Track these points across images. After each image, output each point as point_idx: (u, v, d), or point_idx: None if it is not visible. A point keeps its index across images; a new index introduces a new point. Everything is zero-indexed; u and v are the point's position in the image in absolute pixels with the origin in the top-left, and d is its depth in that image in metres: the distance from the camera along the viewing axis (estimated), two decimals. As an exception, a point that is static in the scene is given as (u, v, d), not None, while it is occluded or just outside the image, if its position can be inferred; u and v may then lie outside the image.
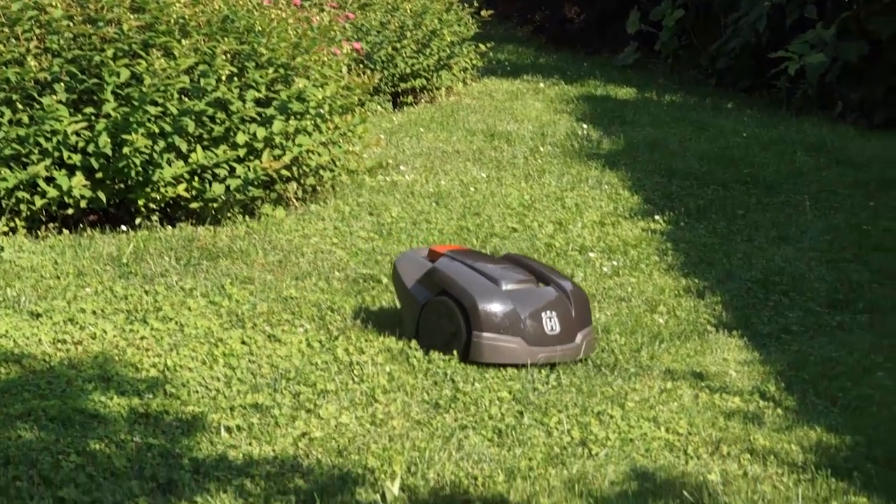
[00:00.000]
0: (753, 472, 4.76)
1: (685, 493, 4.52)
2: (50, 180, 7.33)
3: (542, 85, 13.53)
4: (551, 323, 5.74)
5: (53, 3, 7.42)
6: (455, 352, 5.70)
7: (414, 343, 5.89)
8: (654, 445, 4.97)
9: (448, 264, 5.92)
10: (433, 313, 5.82)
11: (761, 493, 4.57)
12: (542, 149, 10.24)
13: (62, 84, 7.34)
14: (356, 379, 5.45)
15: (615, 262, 7.41)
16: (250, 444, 4.79)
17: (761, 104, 12.73)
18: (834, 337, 6.41)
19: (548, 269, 6.12)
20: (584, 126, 11.21)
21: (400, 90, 12.08)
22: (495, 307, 5.69)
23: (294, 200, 8.12)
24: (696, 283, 7.12)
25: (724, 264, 7.51)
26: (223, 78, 7.63)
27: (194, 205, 7.64)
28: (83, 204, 7.41)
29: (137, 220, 7.58)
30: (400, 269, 6.06)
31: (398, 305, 6.18)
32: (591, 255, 7.52)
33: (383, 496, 4.34)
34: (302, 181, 8.15)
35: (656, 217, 8.41)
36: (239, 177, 7.60)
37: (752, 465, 4.82)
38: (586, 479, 4.60)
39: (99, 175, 7.38)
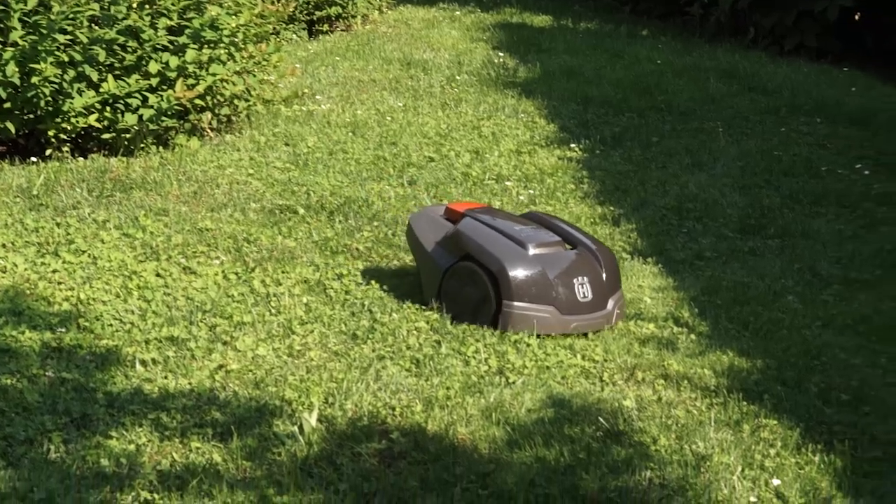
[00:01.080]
0: (667, 397, 4.84)
1: (601, 419, 4.58)
2: (-44, 111, 7.16)
3: (458, 13, 13.45)
4: (583, 289, 5.37)
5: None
6: (481, 321, 5.36)
7: (331, 273, 5.88)
8: (571, 373, 5.02)
9: (472, 226, 5.51)
10: (457, 280, 5.45)
11: (675, 418, 4.65)
12: (458, 77, 10.20)
13: (-34, 12, 7.16)
14: (273, 311, 5.43)
15: (532, 191, 7.43)
16: (166, 377, 4.76)
17: (675, 31, 12.77)
18: (746, 262, 6.51)
19: (573, 227, 5.77)
20: (501, 54, 11.18)
21: (315, 18, 11.93)
22: (526, 273, 5.30)
23: (208, 131, 8.02)
24: (612, 211, 7.18)
25: (639, 191, 7.57)
26: (134, 5, 7.48)
27: (106, 135, 7.51)
28: (-9, 135, 7.26)
29: (48, 151, 7.45)
30: (416, 230, 5.68)
31: (414, 265, 5.84)
32: (508, 183, 7.53)
33: (301, 428, 4.35)
34: (216, 111, 8.04)
35: (572, 145, 8.44)
36: (152, 106, 7.47)
37: (667, 391, 4.90)
38: (503, 407, 4.64)
39: (7, 105, 7.22)
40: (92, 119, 7.38)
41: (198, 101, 7.76)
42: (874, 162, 8.33)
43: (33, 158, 7.40)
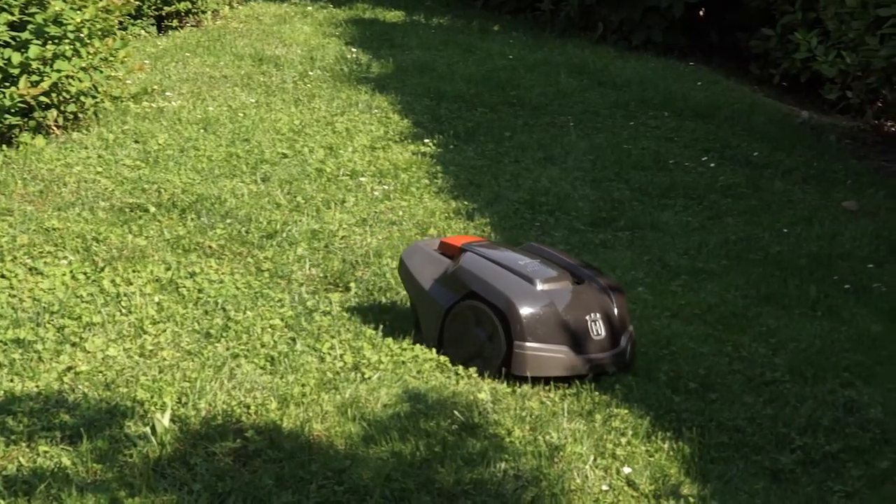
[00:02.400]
0: (521, 390, 4.88)
1: (456, 412, 4.61)
2: None
3: (309, 8, 13.38)
4: (596, 327, 4.99)
5: None
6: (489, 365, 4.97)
7: (184, 272, 5.79)
8: (426, 367, 5.03)
9: (474, 261, 5.09)
10: (461, 319, 5.05)
11: (529, 409, 4.70)
12: (311, 73, 10.15)
13: None
14: (124, 310, 5.34)
15: (386, 186, 7.44)
16: (12, 380, 4.64)
17: (526, 27, 12.91)
18: (598, 254, 6.61)
19: (573, 259, 5.39)
20: (354, 50, 11.15)
21: (164, 13, 11.74)
22: (537, 311, 4.89)
23: (55, 128, 7.83)
24: (466, 206, 7.22)
25: (493, 186, 7.64)
26: (-27, 0, 7.27)
27: (-54, 134, 7.30)
28: None
29: None
30: (411, 267, 5.28)
31: (408, 304, 5.49)
32: (363, 179, 7.52)
33: (153, 428, 4.27)
34: (62, 108, 7.86)
35: (426, 140, 8.46)
36: (-6, 104, 7.28)
37: (521, 383, 4.94)
38: (359, 403, 4.63)
39: None
40: (-69, 117, 7.15)
41: (43, 99, 7.57)
42: (719, 155, 8.55)
43: None
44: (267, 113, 8.82)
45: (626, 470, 4.29)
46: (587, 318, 5.00)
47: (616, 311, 5.09)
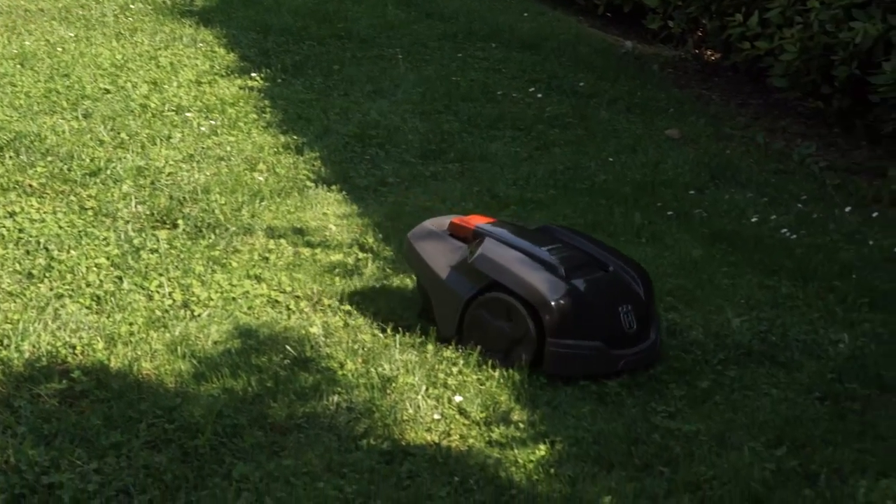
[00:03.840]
0: (354, 323, 4.89)
1: (288, 346, 4.60)
2: None
3: (131, -62, 13.00)
4: (628, 319, 4.65)
5: None
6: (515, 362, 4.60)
7: (3, 212, 5.61)
8: (257, 303, 5.01)
9: (496, 249, 4.70)
10: (484, 312, 4.68)
11: (361, 342, 4.72)
12: (132, 6, 9.88)
13: None
14: (-60, 253, 5.16)
15: (213, 122, 7.32)
16: None
17: (354, -41, 12.79)
18: (428, 186, 6.64)
19: (594, 241, 5.03)
20: (177, -19, 10.89)
21: (-25, -57, 11.28)
22: (570, 304, 4.53)
23: None
24: (295, 140, 7.16)
25: (322, 120, 7.58)
26: None
27: None
28: None
29: None
30: (422, 251, 4.90)
31: (414, 288, 5.19)
32: (189, 114, 7.38)
33: (-26, 373, 4.17)
34: None
35: (253, 74, 8.34)
36: None
37: (352, 317, 4.95)
38: (189, 340, 4.58)
39: None
40: None
41: None
42: (546, 85, 8.65)
43: None
44: (87, 47, 8.57)
45: (458, 398, 4.35)
46: (620, 309, 4.66)
47: (645, 299, 4.77)
